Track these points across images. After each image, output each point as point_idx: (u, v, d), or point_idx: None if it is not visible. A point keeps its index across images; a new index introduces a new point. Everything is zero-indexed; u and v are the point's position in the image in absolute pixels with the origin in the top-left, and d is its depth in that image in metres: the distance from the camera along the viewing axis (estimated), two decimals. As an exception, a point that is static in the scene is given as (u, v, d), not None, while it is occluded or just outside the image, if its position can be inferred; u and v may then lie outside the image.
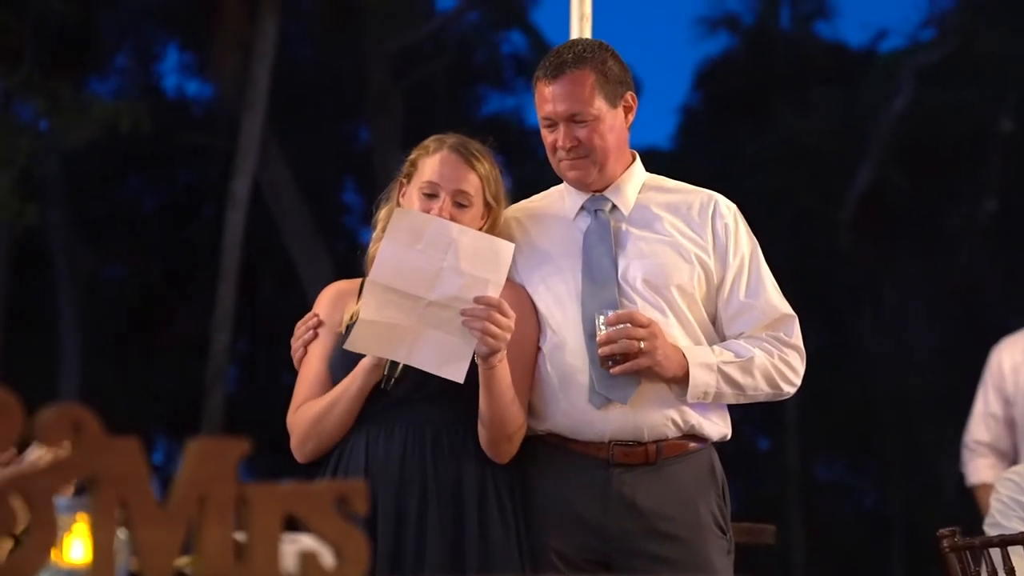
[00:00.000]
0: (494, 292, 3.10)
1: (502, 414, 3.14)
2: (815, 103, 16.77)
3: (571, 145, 3.30)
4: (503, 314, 3.07)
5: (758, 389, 3.29)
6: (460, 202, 3.24)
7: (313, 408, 3.23)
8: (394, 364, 3.14)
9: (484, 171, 3.28)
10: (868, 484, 18.64)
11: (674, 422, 3.25)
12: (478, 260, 3.11)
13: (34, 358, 14.94)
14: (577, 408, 3.24)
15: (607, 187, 3.37)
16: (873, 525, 17.23)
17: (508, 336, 3.09)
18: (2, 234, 14.05)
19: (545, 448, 3.26)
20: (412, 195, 3.27)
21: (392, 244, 3.13)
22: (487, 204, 3.29)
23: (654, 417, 3.23)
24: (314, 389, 3.27)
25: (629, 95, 3.37)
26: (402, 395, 3.18)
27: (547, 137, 3.35)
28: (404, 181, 3.32)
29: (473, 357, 3.11)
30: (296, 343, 3.34)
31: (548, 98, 3.31)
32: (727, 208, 3.39)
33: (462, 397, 3.14)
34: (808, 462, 17.26)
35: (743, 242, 3.37)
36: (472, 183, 3.26)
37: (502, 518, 3.18)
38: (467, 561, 3.12)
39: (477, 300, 3.08)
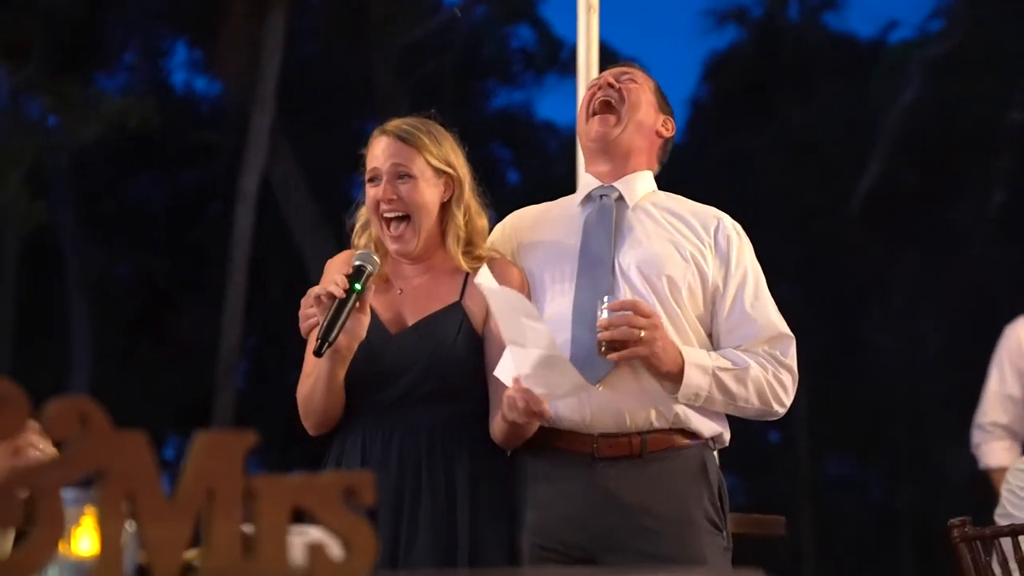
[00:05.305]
0: (545, 399, 3.05)
1: (526, 431, 3.17)
2: (824, 95, 16.74)
3: (608, 99, 3.39)
4: (538, 416, 3.05)
5: (749, 401, 3.25)
6: (399, 173, 3.23)
7: (303, 387, 3.23)
8: (329, 330, 3.04)
9: (421, 141, 3.25)
10: (877, 478, 18.62)
11: (657, 411, 3.21)
12: (553, 371, 3.01)
13: (44, 355, 14.95)
14: None
15: (619, 180, 3.39)
16: (883, 518, 17.22)
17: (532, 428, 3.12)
18: (11, 232, 14.08)
19: (530, 442, 3.23)
20: (366, 191, 3.29)
21: (506, 298, 3.05)
22: (441, 172, 3.26)
23: (634, 403, 3.20)
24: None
25: (670, 122, 3.48)
26: (396, 397, 3.18)
27: (586, 97, 3.45)
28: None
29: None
30: (309, 309, 3.18)
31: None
32: (732, 226, 3.39)
33: (458, 398, 3.16)
34: (817, 456, 17.24)
35: (746, 256, 3.36)
36: (408, 155, 3.23)
37: (492, 509, 3.17)
38: (458, 548, 3.11)
39: (528, 396, 3.01)
